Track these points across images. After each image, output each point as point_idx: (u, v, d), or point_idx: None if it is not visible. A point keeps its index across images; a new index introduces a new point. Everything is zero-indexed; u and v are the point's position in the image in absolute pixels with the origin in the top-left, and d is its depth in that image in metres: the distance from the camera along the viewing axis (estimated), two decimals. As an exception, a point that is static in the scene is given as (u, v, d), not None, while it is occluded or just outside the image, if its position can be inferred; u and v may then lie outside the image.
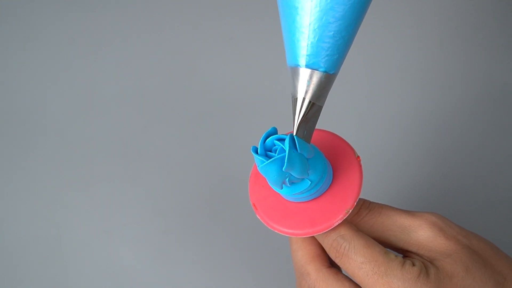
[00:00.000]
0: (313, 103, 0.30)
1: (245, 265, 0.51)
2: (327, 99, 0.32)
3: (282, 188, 0.32)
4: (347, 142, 0.36)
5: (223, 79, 0.59)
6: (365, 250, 0.33)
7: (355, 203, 0.34)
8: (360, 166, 0.34)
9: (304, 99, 0.30)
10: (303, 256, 0.36)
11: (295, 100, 0.30)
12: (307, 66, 0.30)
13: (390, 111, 0.56)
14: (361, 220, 0.35)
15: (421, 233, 0.34)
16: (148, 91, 0.59)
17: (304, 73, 0.30)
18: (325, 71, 0.30)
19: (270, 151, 0.31)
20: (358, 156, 0.34)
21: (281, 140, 0.30)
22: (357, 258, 0.33)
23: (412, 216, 0.35)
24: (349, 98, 0.56)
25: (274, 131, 0.31)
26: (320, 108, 0.31)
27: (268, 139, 0.31)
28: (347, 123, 0.55)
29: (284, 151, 0.30)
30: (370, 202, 0.36)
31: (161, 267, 0.52)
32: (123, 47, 0.61)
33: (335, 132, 0.37)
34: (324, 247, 0.35)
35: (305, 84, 0.30)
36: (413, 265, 0.33)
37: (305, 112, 0.30)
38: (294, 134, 0.31)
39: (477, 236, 0.35)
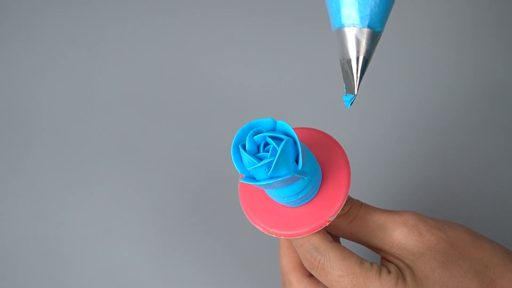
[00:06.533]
0: (368, 60, 0.31)
1: (245, 265, 0.51)
2: (323, 94, 0.32)
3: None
4: (338, 143, 0.35)
5: (224, 78, 0.59)
6: (341, 263, 0.33)
7: (337, 214, 0.34)
8: (349, 175, 0.34)
9: (362, 58, 0.31)
10: (287, 263, 0.36)
11: (349, 61, 0.31)
12: (368, 26, 0.30)
13: (388, 111, 0.56)
14: (341, 215, 0.36)
15: (395, 230, 0.35)
16: (149, 91, 0.59)
17: (363, 33, 0.30)
18: (379, 32, 0.31)
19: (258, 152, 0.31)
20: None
21: (259, 133, 0.31)
22: (333, 272, 0.33)
23: (388, 214, 0.36)
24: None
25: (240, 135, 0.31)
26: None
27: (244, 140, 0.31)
28: (346, 123, 0.55)
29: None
30: (352, 199, 0.36)
31: (161, 266, 0.52)
32: (123, 46, 0.61)
33: (334, 131, 0.37)
34: (300, 257, 0.35)
35: (364, 43, 0.31)
36: (389, 272, 0.33)
37: (362, 69, 0.31)
38: (356, 92, 0.31)
39: (453, 226, 0.35)
